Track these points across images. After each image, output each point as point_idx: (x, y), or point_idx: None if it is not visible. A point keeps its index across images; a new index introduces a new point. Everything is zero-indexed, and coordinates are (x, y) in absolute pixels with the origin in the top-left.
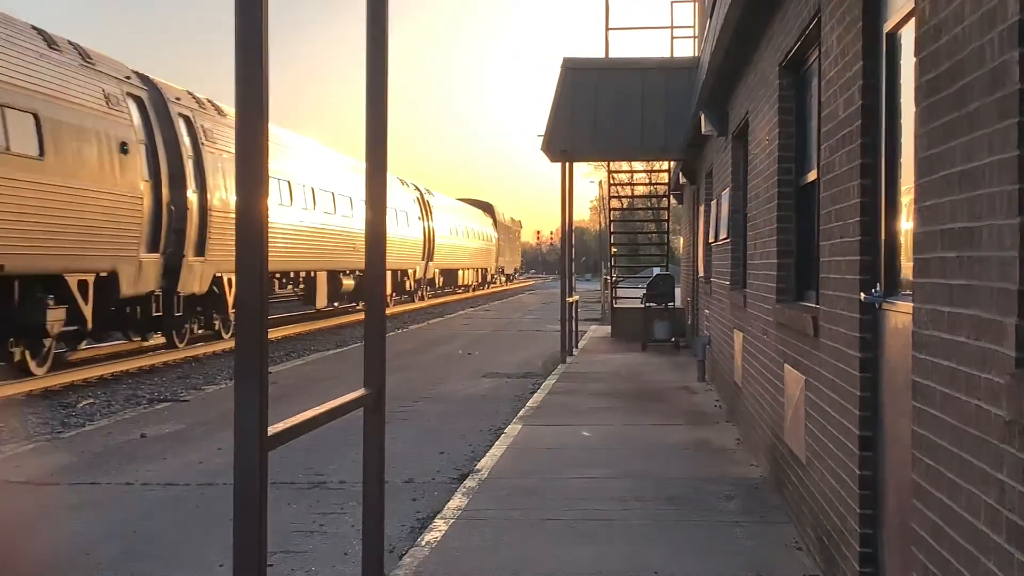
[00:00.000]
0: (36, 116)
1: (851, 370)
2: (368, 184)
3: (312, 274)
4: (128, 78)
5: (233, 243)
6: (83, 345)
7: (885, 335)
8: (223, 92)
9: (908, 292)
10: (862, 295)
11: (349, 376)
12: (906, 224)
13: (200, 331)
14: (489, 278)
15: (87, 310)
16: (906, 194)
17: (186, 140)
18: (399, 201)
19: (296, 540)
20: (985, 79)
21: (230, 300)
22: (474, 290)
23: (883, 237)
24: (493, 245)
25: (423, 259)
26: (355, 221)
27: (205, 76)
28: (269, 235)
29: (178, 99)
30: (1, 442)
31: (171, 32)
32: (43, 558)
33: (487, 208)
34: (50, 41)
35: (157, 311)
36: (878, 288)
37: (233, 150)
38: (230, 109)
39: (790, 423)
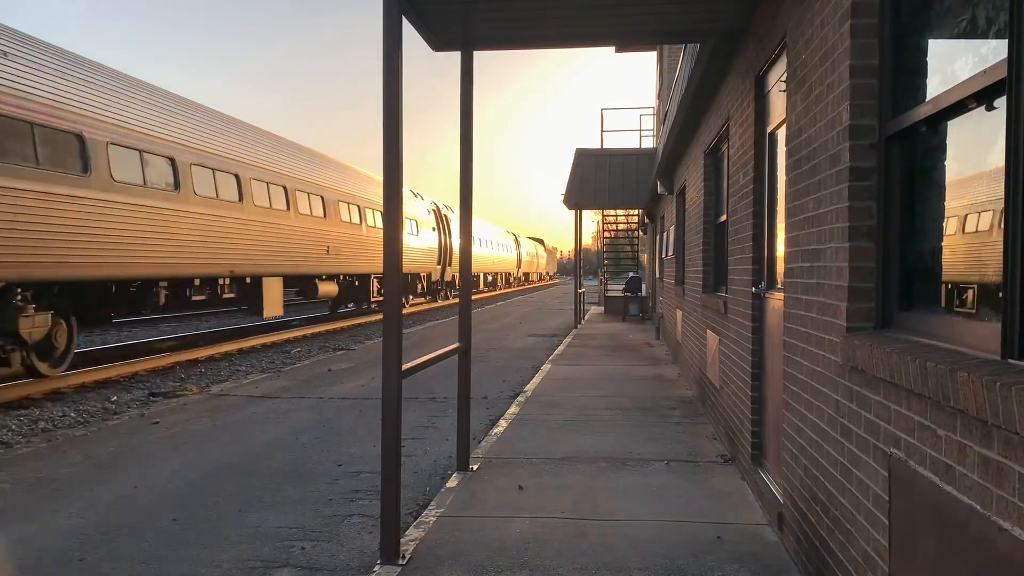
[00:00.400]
0: (416, 222)
1: (746, 333)
2: (462, 227)
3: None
4: (433, 203)
5: (460, 261)
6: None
7: (767, 312)
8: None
9: (780, 287)
10: (753, 289)
11: (450, 336)
12: (778, 248)
13: (425, 297)
14: (541, 278)
15: (425, 285)
16: (778, 231)
17: (444, 223)
18: (503, 239)
19: (417, 431)
20: (827, 160)
21: (457, 283)
22: (535, 283)
23: (765, 255)
24: (544, 260)
25: (517, 268)
26: (482, 249)
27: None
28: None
29: (441, 207)
30: (249, 373)
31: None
32: (273, 439)
33: (541, 241)
34: (415, 194)
35: (437, 287)
36: (762, 285)
37: (456, 226)
38: (457, 208)
39: (710, 364)
